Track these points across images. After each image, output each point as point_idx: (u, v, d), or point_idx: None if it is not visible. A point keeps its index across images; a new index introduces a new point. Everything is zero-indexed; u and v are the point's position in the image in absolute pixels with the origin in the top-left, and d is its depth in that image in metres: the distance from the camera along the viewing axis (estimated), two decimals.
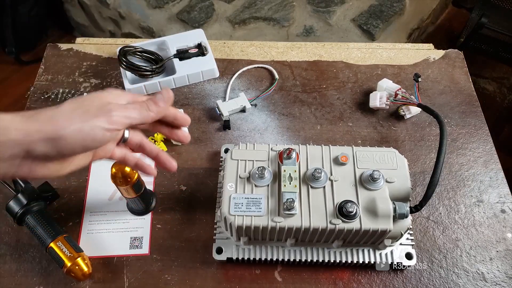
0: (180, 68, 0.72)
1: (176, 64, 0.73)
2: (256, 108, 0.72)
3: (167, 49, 0.75)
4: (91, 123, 0.36)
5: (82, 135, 0.35)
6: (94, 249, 0.58)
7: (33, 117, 0.35)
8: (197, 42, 0.75)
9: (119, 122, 0.38)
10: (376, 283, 0.56)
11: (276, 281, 0.56)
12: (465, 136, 0.69)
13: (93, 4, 1.57)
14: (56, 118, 0.35)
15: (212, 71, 0.74)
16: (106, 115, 0.37)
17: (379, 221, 0.50)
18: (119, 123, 0.38)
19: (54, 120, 0.35)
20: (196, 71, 0.73)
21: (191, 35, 0.77)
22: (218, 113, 0.69)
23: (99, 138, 0.37)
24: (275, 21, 1.38)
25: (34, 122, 0.34)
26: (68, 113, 0.36)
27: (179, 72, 0.72)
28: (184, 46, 0.75)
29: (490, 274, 0.57)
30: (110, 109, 0.37)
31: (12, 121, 0.34)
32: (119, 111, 0.38)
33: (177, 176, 0.64)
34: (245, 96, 0.71)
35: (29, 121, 0.34)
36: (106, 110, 0.37)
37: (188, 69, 0.72)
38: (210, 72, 0.74)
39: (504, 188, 0.64)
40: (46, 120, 0.35)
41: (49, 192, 0.60)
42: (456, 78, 0.76)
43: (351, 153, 0.55)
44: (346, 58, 0.78)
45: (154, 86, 0.71)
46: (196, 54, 0.74)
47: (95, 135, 0.36)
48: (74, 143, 0.35)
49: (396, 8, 1.36)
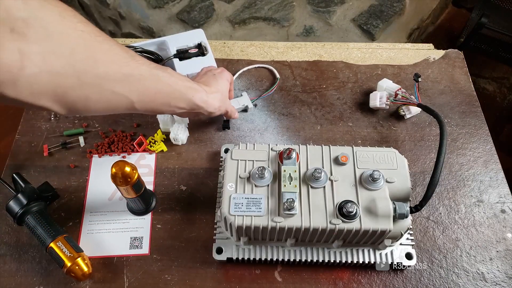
0: (180, 68, 0.72)
1: (176, 64, 0.73)
2: (256, 108, 0.72)
3: (167, 49, 0.75)
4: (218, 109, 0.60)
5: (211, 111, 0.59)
6: (94, 249, 0.58)
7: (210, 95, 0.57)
8: (197, 42, 0.76)
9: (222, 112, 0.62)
10: (376, 283, 0.56)
11: (276, 281, 0.56)
12: (465, 136, 0.69)
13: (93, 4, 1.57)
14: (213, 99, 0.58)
15: None
16: (223, 111, 0.62)
17: (379, 221, 0.50)
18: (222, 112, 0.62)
19: (210, 99, 0.57)
20: (196, 71, 0.72)
21: (191, 35, 0.77)
22: None
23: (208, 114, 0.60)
24: (275, 21, 1.38)
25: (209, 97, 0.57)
26: (218, 98, 0.59)
27: (179, 72, 0.72)
28: (184, 46, 0.75)
29: (490, 274, 0.57)
30: (226, 107, 0.63)
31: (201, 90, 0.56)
32: (228, 108, 0.64)
33: (177, 176, 0.64)
34: (247, 96, 0.71)
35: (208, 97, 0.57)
36: (225, 105, 0.62)
37: (188, 69, 0.72)
38: None
39: (504, 188, 0.64)
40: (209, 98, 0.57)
41: (49, 192, 0.60)
42: (456, 78, 0.76)
43: (351, 153, 0.55)
44: (346, 58, 0.78)
45: None
46: (196, 54, 0.74)
47: (212, 114, 0.59)
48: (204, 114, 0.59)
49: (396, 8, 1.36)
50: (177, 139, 0.65)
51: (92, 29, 0.41)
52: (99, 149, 0.66)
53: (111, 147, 0.66)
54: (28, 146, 0.67)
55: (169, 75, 0.51)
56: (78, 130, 0.68)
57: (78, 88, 0.40)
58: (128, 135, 0.67)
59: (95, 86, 0.41)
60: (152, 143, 0.67)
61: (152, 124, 0.69)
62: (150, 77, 0.48)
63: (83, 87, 0.40)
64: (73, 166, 0.65)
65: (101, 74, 0.41)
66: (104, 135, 0.68)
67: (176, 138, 0.65)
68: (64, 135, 0.67)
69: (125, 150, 0.66)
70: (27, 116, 0.70)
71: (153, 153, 0.66)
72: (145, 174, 0.64)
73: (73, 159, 0.65)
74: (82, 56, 0.39)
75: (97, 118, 0.69)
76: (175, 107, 0.53)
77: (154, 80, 0.48)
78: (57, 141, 0.67)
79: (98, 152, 0.66)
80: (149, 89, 0.48)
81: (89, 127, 0.69)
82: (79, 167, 0.65)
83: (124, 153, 0.66)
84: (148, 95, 0.48)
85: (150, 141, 0.67)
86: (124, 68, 0.44)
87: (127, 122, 0.69)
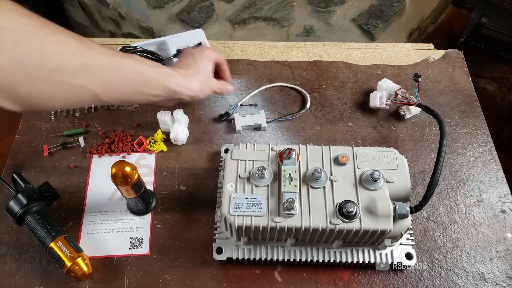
0: None
1: (175, 63, 0.73)
2: (256, 108, 0.71)
3: (167, 49, 0.75)
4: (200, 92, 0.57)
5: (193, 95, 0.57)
6: (94, 249, 0.58)
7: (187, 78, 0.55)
8: (197, 42, 0.75)
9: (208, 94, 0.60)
10: (376, 283, 0.56)
11: (276, 281, 0.56)
12: (465, 136, 0.69)
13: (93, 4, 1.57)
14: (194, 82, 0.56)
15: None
16: (209, 91, 0.60)
17: (379, 221, 0.50)
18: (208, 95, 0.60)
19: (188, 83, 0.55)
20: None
21: (191, 35, 0.76)
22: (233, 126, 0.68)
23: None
24: (275, 21, 1.38)
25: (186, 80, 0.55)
26: (198, 80, 0.57)
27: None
28: (184, 46, 0.75)
29: (490, 274, 0.57)
30: (212, 88, 0.60)
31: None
32: (215, 88, 0.61)
33: (177, 176, 0.64)
34: (264, 114, 0.69)
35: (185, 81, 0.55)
36: (209, 87, 0.59)
37: None
38: None
39: (504, 188, 0.64)
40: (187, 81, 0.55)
41: (49, 192, 0.60)
42: (456, 78, 0.76)
43: (351, 153, 0.55)
44: (346, 58, 0.78)
45: None
46: None
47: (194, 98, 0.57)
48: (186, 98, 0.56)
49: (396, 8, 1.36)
50: (177, 139, 0.65)
51: (36, 22, 0.40)
52: (99, 149, 0.66)
53: (111, 147, 0.66)
54: (28, 146, 0.67)
55: (136, 62, 0.49)
56: (78, 130, 0.68)
57: (28, 83, 0.39)
58: (128, 135, 0.67)
59: (47, 79, 0.40)
60: (152, 143, 0.67)
61: (152, 124, 0.69)
62: (113, 66, 0.46)
63: (34, 82, 0.39)
64: (73, 166, 0.65)
65: (53, 67, 0.40)
66: (104, 135, 0.68)
67: (176, 138, 0.65)
68: (64, 135, 0.67)
69: (125, 150, 0.66)
70: (27, 116, 0.70)
71: (153, 153, 0.66)
72: (145, 174, 0.64)
73: (73, 159, 0.65)
74: (27, 50, 0.38)
75: (97, 118, 0.69)
76: (149, 95, 0.51)
77: (118, 69, 0.47)
78: (57, 141, 0.67)
79: (98, 152, 0.66)
80: (115, 79, 0.47)
81: (89, 127, 0.69)
82: (79, 167, 0.65)
83: (124, 153, 0.66)
84: (114, 85, 0.47)
85: (150, 141, 0.67)
86: (80, 58, 0.42)
87: (127, 122, 0.69)
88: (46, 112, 0.70)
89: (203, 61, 0.59)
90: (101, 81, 0.45)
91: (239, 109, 0.71)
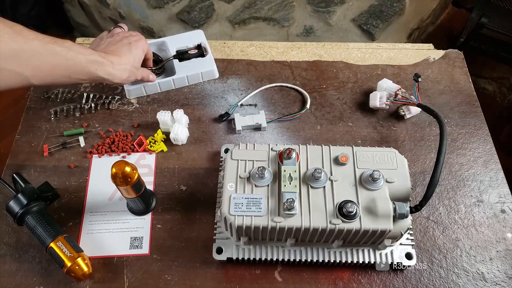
0: (180, 69, 0.72)
1: (176, 65, 0.73)
2: (256, 108, 0.72)
3: (166, 50, 0.75)
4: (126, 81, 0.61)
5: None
6: (94, 249, 0.58)
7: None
8: (197, 43, 0.75)
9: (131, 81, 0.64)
10: (376, 283, 0.56)
11: (276, 281, 0.56)
12: (465, 136, 0.69)
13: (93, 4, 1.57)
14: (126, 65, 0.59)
15: (211, 72, 0.74)
16: (133, 79, 0.63)
17: (379, 221, 0.50)
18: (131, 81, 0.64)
19: (118, 72, 0.58)
20: (196, 72, 0.72)
21: (190, 36, 0.76)
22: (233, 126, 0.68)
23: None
24: (275, 21, 1.38)
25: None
26: (127, 69, 0.59)
27: (179, 73, 0.72)
28: (184, 47, 0.75)
29: (490, 274, 0.57)
30: (137, 76, 0.63)
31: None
32: (140, 76, 0.64)
33: (177, 176, 0.64)
34: (264, 114, 0.69)
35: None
36: (135, 75, 0.62)
37: (187, 70, 0.72)
38: (210, 73, 0.74)
39: (504, 188, 0.64)
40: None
41: (49, 192, 0.60)
42: (456, 78, 0.76)
43: (351, 153, 0.55)
44: (346, 58, 0.78)
45: (153, 87, 0.71)
46: (195, 55, 0.74)
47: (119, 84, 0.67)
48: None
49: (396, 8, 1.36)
50: (177, 139, 0.65)
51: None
52: (99, 149, 0.66)
53: (111, 147, 0.66)
54: (28, 146, 0.67)
55: (67, 49, 0.51)
56: (78, 130, 0.68)
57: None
58: (128, 135, 0.67)
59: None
60: (152, 143, 0.67)
61: (152, 124, 0.69)
62: (44, 52, 0.49)
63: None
64: (73, 166, 0.65)
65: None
66: (104, 135, 0.68)
67: (176, 138, 0.65)
68: (64, 135, 0.67)
69: (125, 150, 0.66)
70: (27, 116, 0.70)
71: (153, 153, 0.66)
72: (145, 174, 0.64)
73: (73, 159, 0.65)
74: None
75: (97, 118, 0.69)
76: (76, 79, 0.54)
77: (49, 54, 0.49)
78: (57, 141, 0.67)
79: (98, 152, 0.66)
80: (45, 64, 0.49)
81: (89, 127, 0.69)
82: (79, 167, 0.65)
83: (124, 153, 0.66)
84: (45, 70, 0.50)
85: (150, 141, 0.67)
86: (10, 44, 0.45)
87: (127, 122, 0.69)
88: (46, 112, 0.70)
89: (137, 49, 0.61)
90: (32, 66, 0.48)
91: (239, 109, 0.71)
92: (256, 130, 0.69)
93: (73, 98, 0.71)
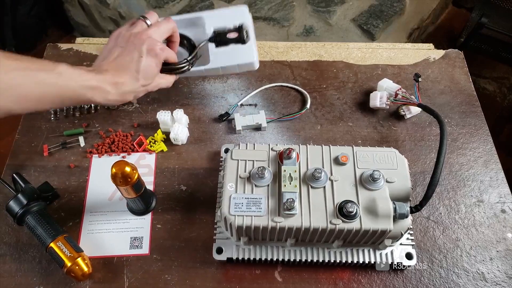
0: (215, 57, 0.61)
1: (211, 51, 0.61)
2: (256, 108, 0.71)
3: (203, 28, 0.62)
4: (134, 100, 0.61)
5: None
6: (94, 249, 0.58)
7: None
8: (238, 23, 0.62)
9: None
10: (376, 283, 0.56)
11: (276, 281, 0.56)
12: (465, 136, 0.69)
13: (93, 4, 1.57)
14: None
15: (251, 64, 0.62)
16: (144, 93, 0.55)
17: (379, 221, 0.50)
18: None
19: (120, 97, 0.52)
20: (232, 64, 0.61)
21: (233, 12, 0.63)
22: (233, 126, 0.68)
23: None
24: (275, 21, 1.38)
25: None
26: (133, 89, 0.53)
27: (213, 62, 0.61)
28: (223, 27, 0.61)
29: (490, 274, 0.57)
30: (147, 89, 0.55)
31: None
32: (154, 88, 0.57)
33: (177, 176, 0.64)
34: (264, 114, 0.68)
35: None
36: (145, 89, 0.55)
37: (223, 60, 0.61)
38: (248, 66, 0.62)
39: (504, 188, 0.64)
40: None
41: (49, 192, 0.60)
42: (456, 78, 0.76)
43: (351, 153, 0.55)
44: (346, 58, 0.78)
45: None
46: (234, 40, 0.61)
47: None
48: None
49: (396, 8, 1.36)
50: (177, 139, 0.65)
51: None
52: (99, 149, 0.66)
53: (111, 147, 0.66)
54: (28, 146, 0.67)
55: (56, 76, 0.46)
56: (78, 130, 0.68)
57: None
58: (128, 135, 0.67)
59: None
60: (152, 143, 0.67)
61: (152, 124, 0.69)
62: (26, 82, 0.44)
63: None
64: (73, 166, 0.65)
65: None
66: (104, 135, 0.68)
67: (176, 138, 0.65)
68: (64, 135, 0.67)
69: (125, 150, 0.66)
70: (27, 116, 0.70)
71: (153, 153, 0.66)
72: (145, 174, 0.64)
73: (73, 159, 0.65)
74: None
75: (97, 118, 0.69)
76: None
77: (33, 83, 0.44)
78: (57, 141, 0.67)
79: (98, 152, 0.66)
80: (30, 94, 0.44)
81: (89, 127, 0.69)
82: (79, 167, 0.65)
83: (124, 153, 0.66)
84: (30, 99, 0.45)
85: (150, 141, 0.67)
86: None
87: (127, 122, 0.69)
88: (46, 112, 0.70)
89: (150, 61, 0.51)
90: (12, 98, 0.43)
91: (239, 109, 0.71)
92: (256, 130, 0.69)
93: None
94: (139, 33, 0.53)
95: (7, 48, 1.70)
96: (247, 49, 0.62)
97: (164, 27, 0.56)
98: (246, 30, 0.62)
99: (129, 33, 0.53)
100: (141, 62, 0.50)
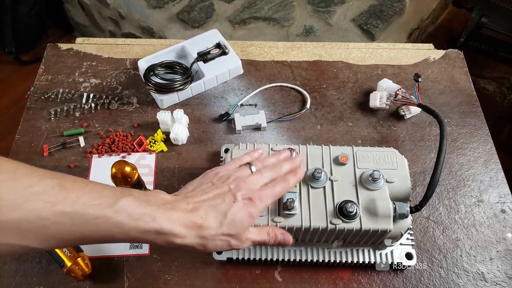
0: (207, 70, 0.71)
1: (202, 67, 0.72)
2: (256, 108, 0.72)
3: (187, 55, 0.74)
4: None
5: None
6: (94, 249, 0.58)
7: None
8: (215, 42, 0.75)
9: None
10: (376, 283, 0.56)
11: (276, 281, 0.56)
12: (465, 136, 0.69)
13: (93, 4, 1.57)
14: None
15: (238, 68, 0.74)
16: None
17: (379, 221, 0.50)
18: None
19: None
20: (224, 71, 0.72)
21: (207, 36, 0.76)
22: (233, 126, 0.68)
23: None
24: (275, 21, 1.38)
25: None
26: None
27: (208, 74, 0.71)
28: (204, 49, 0.74)
29: (490, 274, 0.57)
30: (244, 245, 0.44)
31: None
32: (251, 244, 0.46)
33: (177, 176, 0.64)
34: (264, 114, 0.69)
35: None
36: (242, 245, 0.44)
37: (215, 70, 0.72)
38: (236, 70, 0.74)
39: (504, 188, 0.64)
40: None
41: None
42: (456, 78, 0.76)
43: (351, 153, 0.55)
44: (346, 58, 0.78)
45: (186, 93, 0.71)
46: (218, 54, 0.73)
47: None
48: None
49: (396, 8, 1.36)
50: (177, 139, 0.65)
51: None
52: (99, 149, 0.66)
53: (111, 147, 0.66)
54: (28, 146, 0.67)
55: (112, 212, 0.35)
56: (78, 130, 0.68)
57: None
58: (128, 135, 0.67)
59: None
60: (152, 143, 0.67)
61: (152, 124, 0.69)
62: (71, 222, 0.34)
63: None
64: (73, 166, 0.65)
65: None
66: (104, 135, 0.68)
67: (176, 138, 0.65)
68: (64, 135, 0.67)
69: (125, 150, 0.66)
70: (27, 116, 0.70)
71: (153, 153, 0.66)
72: (145, 174, 0.64)
73: (73, 159, 0.65)
74: None
75: (97, 118, 0.69)
76: (123, 242, 0.40)
77: (80, 226, 0.34)
78: (57, 141, 0.67)
79: (98, 152, 0.66)
80: (68, 235, 0.35)
81: (89, 127, 0.69)
82: (79, 167, 0.65)
83: (124, 153, 0.66)
84: (65, 240, 0.35)
85: (150, 141, 0.67)
86: (8, 213, 0.32)
87: (127, 122, 0.69)
88: (46, 112, 0.70)
89: (240, 205, 0.42)
90: (42, 239, 0.34)
91: (239, 109, 0.71)
92: (256, 130, 0.69)
93: (73, 98, 0.71)
94: (240, 177, 0.45)
95: (8, 48, 1.70)
96: (231, 57, 0.74)
97: (267, 175, 0.47)
98: (223, 44, 0.74)
99: (229, 174, 0.46)
100: (232, 207, 0.42)
